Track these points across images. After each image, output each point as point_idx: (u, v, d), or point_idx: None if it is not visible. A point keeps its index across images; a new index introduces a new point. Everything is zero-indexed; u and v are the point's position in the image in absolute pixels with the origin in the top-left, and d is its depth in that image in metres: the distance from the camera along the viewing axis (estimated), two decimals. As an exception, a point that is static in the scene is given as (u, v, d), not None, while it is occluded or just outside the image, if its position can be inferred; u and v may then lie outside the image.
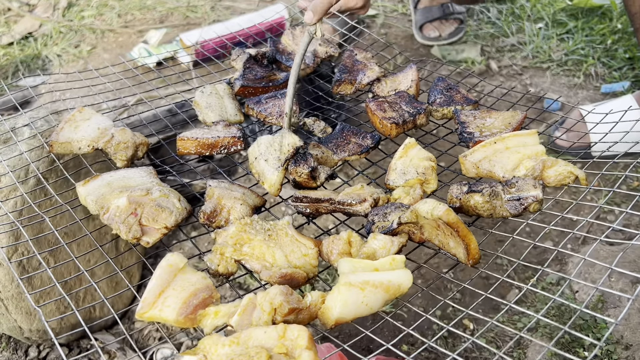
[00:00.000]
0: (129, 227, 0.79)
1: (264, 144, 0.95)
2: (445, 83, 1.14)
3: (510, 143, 0.94)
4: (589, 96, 1.84)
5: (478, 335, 0.72)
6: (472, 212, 0.86)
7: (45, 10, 2.63)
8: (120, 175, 0.90)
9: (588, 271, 1.22)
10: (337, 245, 0.80)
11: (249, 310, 0.68)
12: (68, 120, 1.01)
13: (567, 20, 2.18)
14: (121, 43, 2.39)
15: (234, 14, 2.49)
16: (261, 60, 1.23)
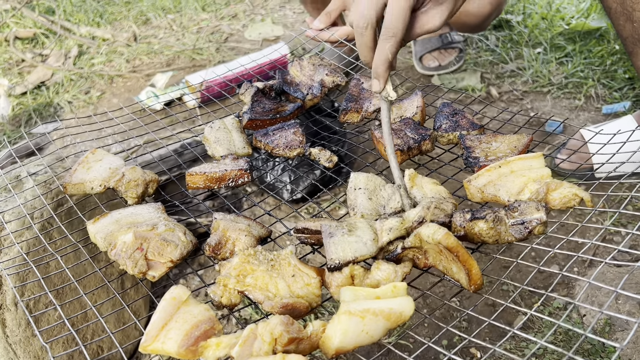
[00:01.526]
0: (135, 262, 0.80)
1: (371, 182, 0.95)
2: (450, 108, 1.15)
3: (515, 167, 0.94)
4: (590, 117, 1.85)
5: None
6: (478, 240, 0.85)
7: (57, 60, 2.72)
8: (128, 212, 0.93)
9: (595, 294, 1.21)
10: (338, 277, 0.81)
11: (250, 340, 0.69)
12: (81, 162, 1.05)
13: (565, 44, 2.21)
14: (129, 87, 2.46)
15: (239, 55, 2.56)
16: (269, 93, 1.27)
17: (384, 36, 0.80)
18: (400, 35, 0.80)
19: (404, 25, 0.79)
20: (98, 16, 3.14)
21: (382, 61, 0.82)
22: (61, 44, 2.85)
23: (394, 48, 0.81)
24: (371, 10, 0.80)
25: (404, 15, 0.78)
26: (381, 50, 0.81)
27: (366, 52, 0.85)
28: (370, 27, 0.81)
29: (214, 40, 2.76)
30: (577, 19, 2.34)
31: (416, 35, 0.85)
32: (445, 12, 0.84)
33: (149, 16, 3.09)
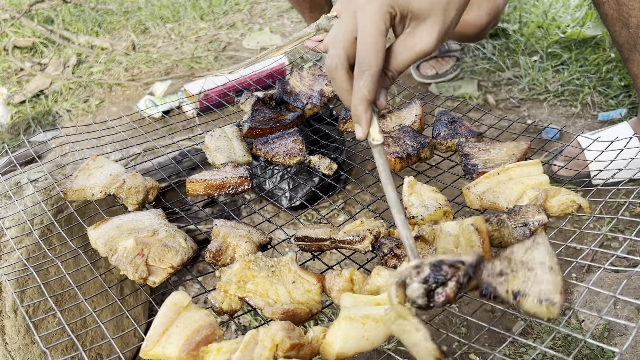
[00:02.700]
0: (136, 268, 0.81)
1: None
2: (449, 116, 1.16)
3: (514, 174, 0.95)
4: (587, 125, 1.86)
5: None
6: None
7: (55, 69, 2.73)
8: (129, 218, 0.93)
9: (593, 300, 1.21)
10: (338, 282, 0.81)
11: (251, 346, 0.69)
12: (82, 168, 1.05)
13: (561, 52, 2.23)
14: (128, 96, 2.47)
15: (237, 63, 2.58)
16: (269, 102, 1.28)
17: (357, 72, 0.68)
18: (376, 67, 0.67)
19: (377, 55, 0.67)
20: (97, 25, 3.16)
21: (359, 100, 0.69)
22: (60, 53, 2.86)
23: (370, 84, 0.68)
24: (339, 48, 0.69)
25: (375, 43, 0.67)
26: (356, 90, 0.69)
27: (344, 95, 0.72)
28: (342, 67, 0.69)
29: (212, 49, 2.77)
30: (572, 27, 2.36)
31: (407, 61, 0.72)
32: (435, 29, 0.71)
33: (147, 25, 3.10)
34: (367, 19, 0.67)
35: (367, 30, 0.67)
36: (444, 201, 0.94)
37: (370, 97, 0.69)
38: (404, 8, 0.69)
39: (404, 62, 0.72)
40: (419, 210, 0.91)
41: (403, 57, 0.72)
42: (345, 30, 0.69)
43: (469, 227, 0.81)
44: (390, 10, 0.68)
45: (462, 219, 0.83)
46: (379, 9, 0.67)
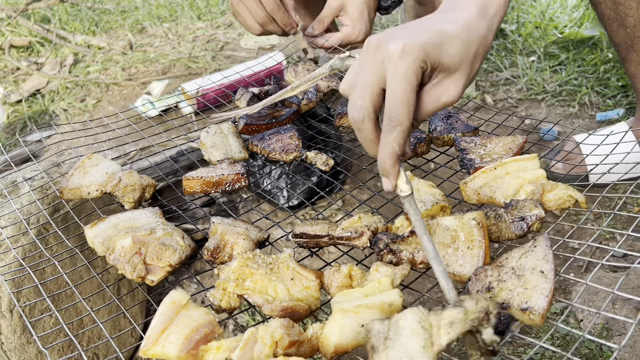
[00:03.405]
0: (134, 267, 0.80)
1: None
2: (445, 111, 1.16)
3: (511, 168, 0.95)
4: (585, 125, 1.86)
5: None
6: None
7: (52, 68, 2.72)
8: (126, 217, 0.92)
9: (592, 299, 1.21)
10: (337, 278, 0.81)
11: (251, 344, 0.68)
12: (78, 167, 1.04)
13: (558, 53, 2.23)
14: (125, 95, 2.46)
15: (235, 63, 2.57)
16: (264, 98, 1.27)
17: (387, 127, 0.66)
18: (407, 123, 0.66)
19: (408, 111, 0.65)
20: (94, 25, 3.15)
21: (388, 156, 0.67)
22: (56, 53, 2.85)
23: (401, 139, 0.67)
24: (366, 99, 0.67)
25: (407, 100, 0.65)
26: (386, 144, 0.67)
27: (370, 146, 0.71)
28: (368, 119, 0.68)
29: (210, 48, 2.77)
30: (570, 27, 2.37)
31: (431, 112, 0.72)
32: (461, 81, 0.70)
33: (144, 25, 3.10)
34: (400, 74, 0.65)
35: (400, 86, 0.65)
36: (441, 196, 0.94)
37: (400, 152, 0.68)
38: (435, 62, 0.68)
39: (429, 113, 0.72)
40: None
41: (429, 107, 0.71)
42: (373, 82, 0.67)
43: (470, 221, 0.80)
44: (423, 65, 0.66)
45: (461, 214, 0.83)
46: (412, 64, 0.65)
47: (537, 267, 0.67)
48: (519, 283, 0.66)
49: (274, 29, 1.31)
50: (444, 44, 0.68)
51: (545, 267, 0.68)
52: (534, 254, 0.70)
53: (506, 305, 0.66)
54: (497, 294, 0.68)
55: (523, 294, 0.65)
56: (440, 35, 0.68)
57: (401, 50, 0.64)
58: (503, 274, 0.69)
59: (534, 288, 0.65)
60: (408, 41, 0.65)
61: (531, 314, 0.64)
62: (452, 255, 0.81)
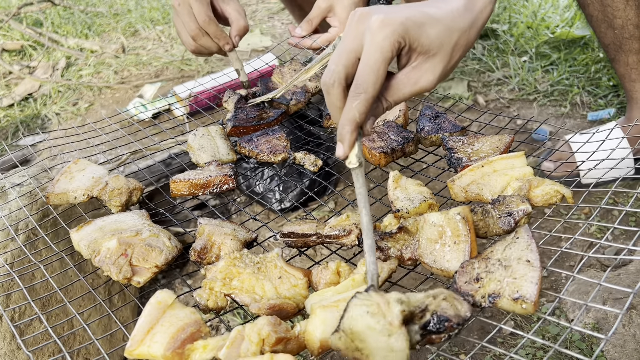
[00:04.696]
0: (120, 268, 0.80)
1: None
2: (432, 111, 1.16)
3: (498, 166, 0.96)
4: (576, 125, 1.87)
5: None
6: None
7: (44, 72, 2.72)
8: (112, 220, 0.92)
9: (582, 299, 1.21)
10: (325, 275, 0.81)
11: (238, 342, 0.68)
12: (64, 172, 1.04)
13: (550, 53, 2.24)
14: (118, 99, 2.46)
15: (227, 65, 2.57)
16: (251, 99, 1.27)
17: (352, 93, 0.67)
18: (372, 92, 0.66)
19: (375, 81, 0.66)
20: (86, 28, 3.15)
21: (347, 121, 0.68)
22: (49, 56, 2.85)
23: (363, 107, 0.67)
24: (339, 64, 0.68)
25: (377, 69, 0.66)
26: (348, 109, 0.68)
27: (334, 112, 0.71)
28: (338, 84, 0.68)
29: (203, 51, 2.76)
30: (561, 27, 2.38)
31: (407, 94, 0.72)
32: (439, 67, 0.71)
33: (137, 28, 3.10)
34: (376, 43, 0.66)
35: (373, 55, 0.66)
36: (428, 194, 0.94)
37: (359, 120, 0.68)
38: (414, 40, 0.68)
39: (404, 95, 0.72)
40: (404, 203, 0.91)
41: (405, 90, 0.71)
42: (349, 49, 0.68)
43: (455, 216, 0.81)
44: (400, 40, 0.67)
45: (447, 210, 0.83)
46: (389, 36, 0.66)
47: (522, 257, 0.68)
48: (506, 273, 0.67)
49: (207, 44, 1.27)
50: (425, 24, 0.68)
51: (531, 257, 0.68)
52: (518, 245, 0.70)
53: (496, 295, 0.66)
54: (486, 285, 0.68)
55: (513, 284, 0.65)
56: (424, 16, 0.69)
57: (381, 21, 0.66)
58: (490, 266, 0.69)
59: (523, 277, 0.65)
60: (390, 15, 0.66)
61: (523, 303, 0.64)
62: (440, 251, 0.81)
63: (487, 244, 0.85)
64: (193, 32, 1.24)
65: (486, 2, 0.75)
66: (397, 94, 0.72)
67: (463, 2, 0.73)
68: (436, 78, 0.71)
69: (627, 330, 1.12)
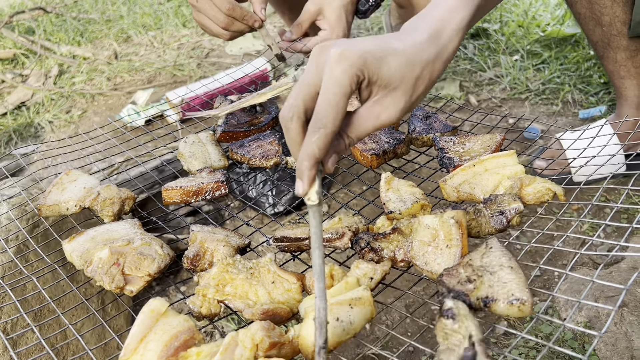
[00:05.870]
0: (112, 278, 0.80)
1: None
2: (423, 112, 1.17)
3: (489, 165, 0.96)
4: (568, 122, 1.88)
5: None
6: None
7: (37, 80, 2.71)
8: (104, 230, 0.92)
9: (575, 296, 1.22)
10: (319, 278, 0.81)
11: (231, 348, 0.68)
12: (56, 183, 1.04)
13: (541, 51, 2.25)
14: (111, 105, 2.45)
15: (220, 70, 2.57)
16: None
17: (311, 128, 0.64)
18: (332, 127, 0.64)
19: (335, 116, 0.63)
20: (79, 35, 3.14)
21: (307, 156, 0.64)
22: (41, 64, 2.84)
23: (322, 142, 0.64)
24: (298, 99, 0.65)
25: (336, 103, 0.63)
26: (307, 144, 0.64)
27: (294, 148, 0.67)
28: (297, 119, 0.65)
29: (195, 56, 2.77)
30: (552, 25, 2.39)
31: (369, 129, 0.69)
32: (401, 101, 0.69)
33: (129, 34, 3.09)
34: (334, 77, 0.64)
35: (331, 89, 0.64)
36: (421, 195, 0.95)
37: (319, 156, 0.65)
38: (373, 74, 0.67)
39: (366, 130, 0.70)
40: (396, 204, 0.92)
41: (366, 124, 0.69)
42: (308, 82, 0.66)
43: (449, 220, 0.81)
44: (359, 73, 0.65)
45: (442, 213, 0.84)
46: (348, 69, 0.64)
47: (504, 263, 0.68)
48: (494, 279, 0.67)
49: (240, 28, 1.31)
50: (386, 57, 0.67)
51: (512, 263, 0.69)
52: (494, 254, 0.71)
53: (491, 299, 0.66)
54: (479, 287, 0.68)
55: (505, 287, 0.66)
56: (384, 48, 0.67)
57: (339, 54, 0.64)
58: (477, 270, 0.70)
59: (512, 281, 0.66)
60: (349, 48, 0.65)
61: (522, 305, 0.65)
62: (432, 254, 0.81)
63: (482, 244, 0.85)
64: (223, 22, 1.28)
65: (452, 35, 0.73)
66: (359, 129, 0.69)
67: (427, 34, 0.71)
68: (398, 112, 0.70)
69: (618, 329, 1.12)
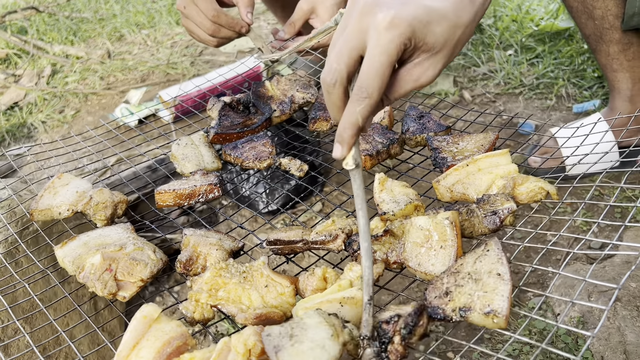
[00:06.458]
0: (105, 284, 0.79)
1: None
2: (417, 111, 1.16)
3: (483, 164, 0.96)
4: (562, 117, 1.88)
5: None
6: None
7: (30, 80, 2.70)
8: (96, 235, 0.92)
9: (568, 292, 1.22)
10: (312, 282, 0.81)
11: (224, 354, 0.68)
12: (47, 187, 1.03)
13: (535, 46, 2.24)
14: (104, 105, 2.44)
15: (213, 67, 2.56)
16: (237, 107, 1.26)
17: (355, 96, 0.64)
18: (376, 97, 0.64)
19: (381, 85, 0.63)
20: (72, 34, 3.13)
21: (349, 124, 0.65)
22: (34, 64, 2.83)
23: (366, 111, 0.65)
24: (341, 63, 0.65)
25: (383, 73, 0.63)
26: (350, 113, 0.65)
27: (335, 112, 0.68)
28: (340, 84, 0.65)
29: (189, 54, 2.75)
30: (546, 20, 2.38)
31: (408, 91, 0.70)
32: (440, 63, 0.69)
33: (123, 32, 3.08)
34: (382, 46, 0.62)
35: (378, 58, 0.63)
36: (414, 195, 0.94)
37: (362, 125, 0.66)
38: (419, 41, 0.66)
39: (405, 92, 0.70)
40: (390, 206, 0.91)
41: (406, 86, 0.69)
42: (351, 46, 0.65)
43: (444, 221, 0.81)
44: (407, 42, 0.64)
45: (435, 214, 0.84)
46: (396, 38, 0.63)
47: (493, 270, 0.68)
48: (477, 287, 0.67)
49: (227, 34, 1.31)
50: (431, 23, 0.66)
51: (501, 270, 0.68)
52: (488, 258, 0.70)
53: (467, 309, 0.66)
54: (456, 298, 0.68)
55: (484, 297, 0.65)
56: (430, 13, 0.66)
57: (389, 22, 0.62)
58: (459, 279, 0.69)
59: (494, 291, 0.65)
60: (398, 14, 0.63)
61: (495, 317, 0.64)
62: (425, 255, 0.81)
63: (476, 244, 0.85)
64: (210, 29, 1.29)
65: None
66: (398, 91, 0.70)
67: None
68: (437, 73, 0.69)
69: (611, 323, 1.12)
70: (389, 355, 0.64)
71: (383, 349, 0.64)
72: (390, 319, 0.65)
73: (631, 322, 1.12)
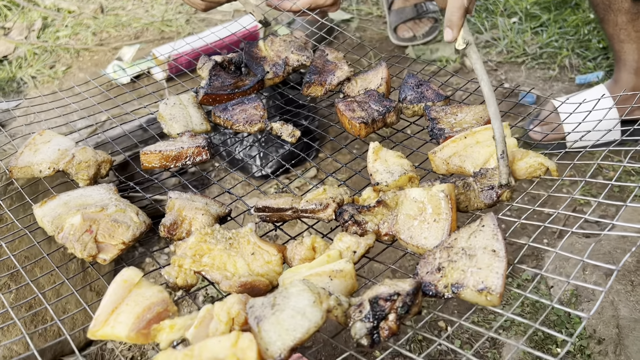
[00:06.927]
0: (84, 245, 0.77)
1: None
2: (415, 79, 1.12)
3: (481, 137, 0.93)
4: (564, 88, 1.83)
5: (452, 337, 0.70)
6: None
7: (20, 33, 2.61)
8: (78, 194, 0.88)
9: (563, 265, 1.21)
10: (300, 251, 0.79)
11: (206, 321, 0.66)
12: (28, 144, 0.99)
13: (540, 14, 2.18)
14: (96, 61, 2.38)
15: (209, 26, 2.49)
16: (228, 67, 1.21)
17: None
18: None
19: None
20: (63, -13, 3.02)
21: (456, 8, 0.74)
22: (24, 17, 2.73)
23: None
24: None
25: None
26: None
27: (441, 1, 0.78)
28: None
29: (184, 11, 2.67)
30: (553, -13, 2.31)
31: None
32: None
33: (116, -13, 2.97)
34: None
35: None
36: (409, 166, 0.91)
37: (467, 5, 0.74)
38: None
39: None
40: (383, 176, 0.88)
41: None
42: None
43: (439, 194, 0.78)
44: None
45: (430, 186, 0.81)
46: None
47: (488, 246, 0.66)
48: (471, 263, 0.65)
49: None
50: None
51: (497, 246, 0.66)
52: (483, 234, 0.68)
53: (460, 285, 0.64)
54: (449, 274, 0.66)
55: (477, 274, 0.63)
56: None
57: None
58: (453, 255, 0.67)
59: (488, 267, 0.63)
60: None
61: (489, 294, 0.62)
62: (418, 228, 0.79)
63: (469, 218, 0.83)
64: None
65: None
66: None
67: None
68: None
69: (605, 297, 1.11)
70: (380, 332, 0.62)
71: (375, 324, 0.62)
72: (390, 297, 0.63)
73: (625, 296, 1.11)
